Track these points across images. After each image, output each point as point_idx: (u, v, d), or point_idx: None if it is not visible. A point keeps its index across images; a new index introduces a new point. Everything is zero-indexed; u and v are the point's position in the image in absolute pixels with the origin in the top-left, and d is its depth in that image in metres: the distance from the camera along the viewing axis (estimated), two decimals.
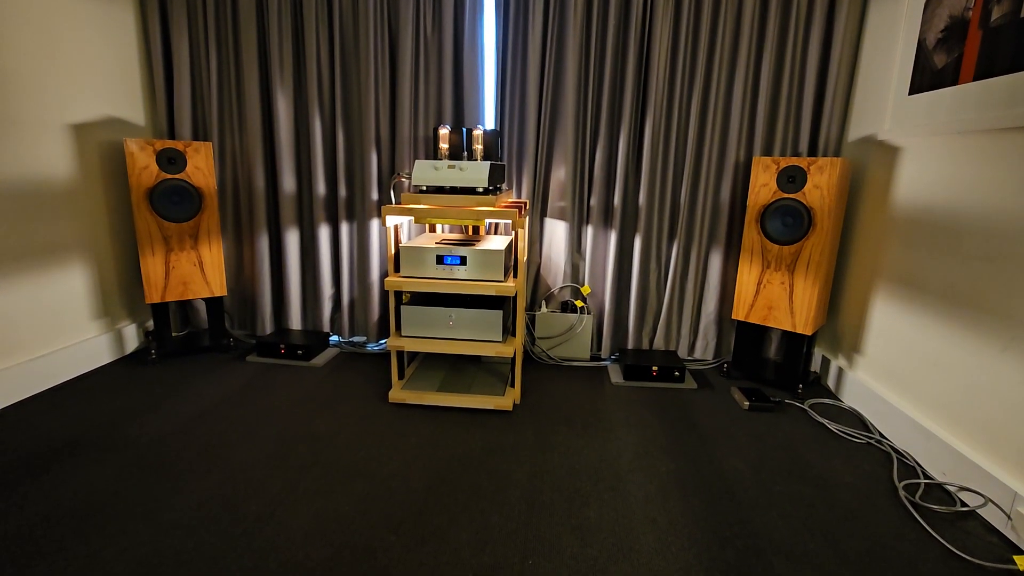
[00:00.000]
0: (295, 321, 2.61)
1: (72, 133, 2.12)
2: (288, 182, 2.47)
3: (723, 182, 2.31)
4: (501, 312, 1.96)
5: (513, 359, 2.08)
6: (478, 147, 2.04)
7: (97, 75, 2.21)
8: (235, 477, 1.56)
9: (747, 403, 2.03)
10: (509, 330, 2.17)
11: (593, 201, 2.39)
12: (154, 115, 2.44)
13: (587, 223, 2.44)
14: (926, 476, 1.61)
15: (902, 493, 1.54)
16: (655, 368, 2.24)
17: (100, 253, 2.28)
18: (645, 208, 2.34)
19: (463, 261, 1.93)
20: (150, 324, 2.56)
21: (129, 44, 2.34)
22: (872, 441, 1.81)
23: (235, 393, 2.07)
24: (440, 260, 1.94)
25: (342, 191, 2.46)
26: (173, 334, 2.58)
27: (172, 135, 2.44)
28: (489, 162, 1.91)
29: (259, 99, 2.40)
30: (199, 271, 2.37)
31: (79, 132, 2.15)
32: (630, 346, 2.47)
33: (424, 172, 1.91)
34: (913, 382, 1.77)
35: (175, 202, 2.23)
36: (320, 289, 2.57)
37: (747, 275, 2.21)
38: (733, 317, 2.26)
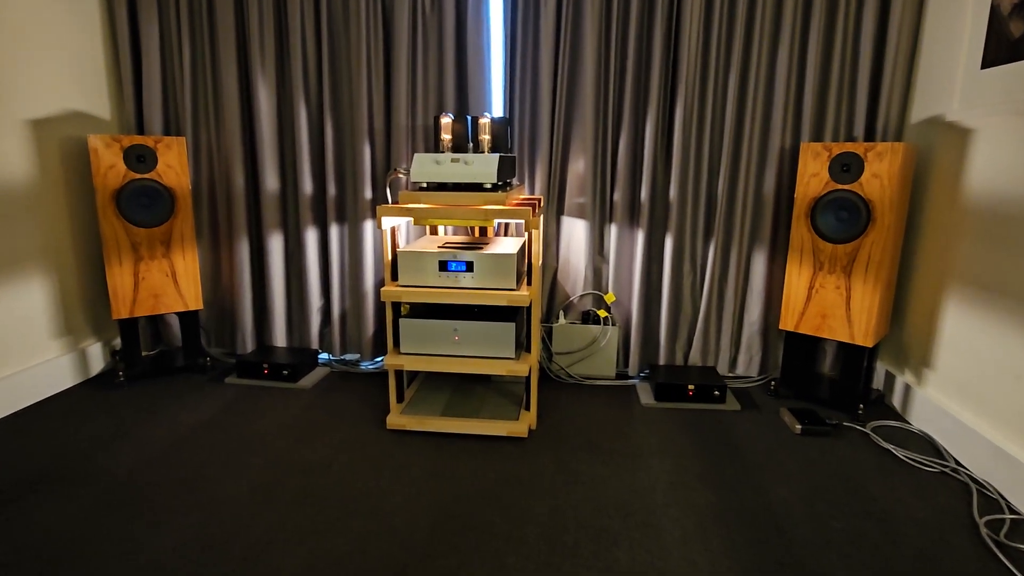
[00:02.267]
0: (280, 338, 2.65)
1: (30, 129, 2.18)
2: (271, 180, 2.52)
3: (766, 172, 2.32)
4: (513, 325, 1.97)
5: (528, 378, 2.08)
6: (485, 137, 2.07)
7: (58, 65, 2.27)
8: (217, 514, 1.58)
9: (799, 426, 2.03)
10: (523, 345, 2.18)
11: (617, 196, 2.41)
12: (121, 109, 2.51)
13: (610, 221, 2.46)
14: (1011, 510, 1.58)
15: (983, 530, 1.51)
16: (691, 387, 2.24)
17: (61, 263, 2.33)
18: (677, 203, 2.36)
19: (469, 267, 1.94)
20: (117, 342, 2.62)
21: (93, 31, 2.40)
22: (946, 470, 1.79)
23: (214, 419, 2.11)
24: (443, 266, 1.95)
25: (331, 189, 2.49)
26: (143, 353, 2.63)
27: (141, 130, 2.50)
28: (498, 154, 1.92)
29: (237, 89, 2.45)
30: (172, 282, 2.42)
31: (38, 128, 2.21)
32: (662, 362, 2.48)
33: (424, 167, 1.93)
34: (993, 400, 1.74)
35: (145, 205, 2.28)
36: (307, 301, 2.60)
37: (796, 279, 2.21)
38: (781, 327, 2.26)
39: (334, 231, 2.53)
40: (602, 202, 2.44)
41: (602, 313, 2.47)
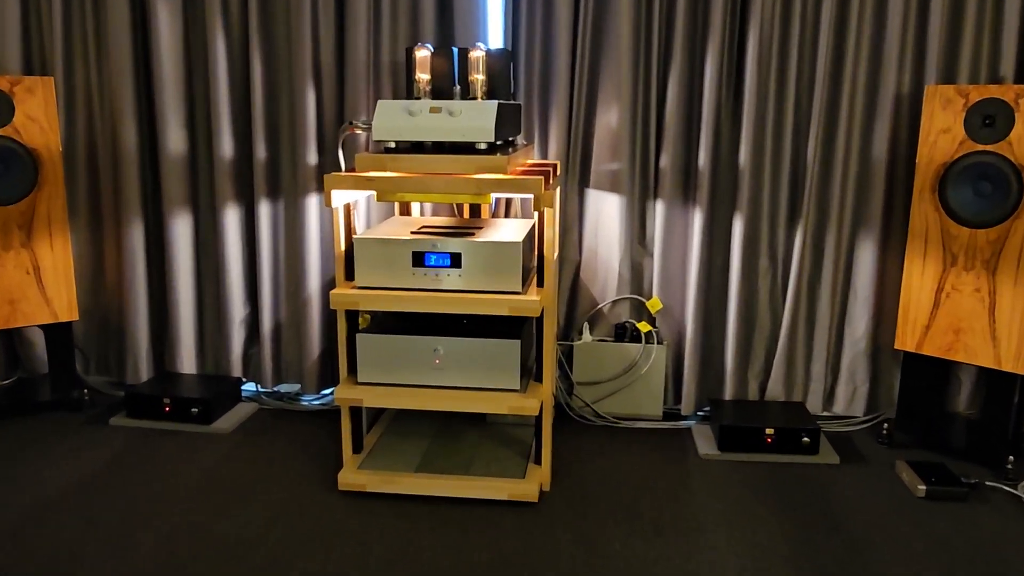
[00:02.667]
0: (187, 362, 2.65)
1: None
2: (174, 139, 2.52)
3: (875, 128, 2.32)
4: (518, 343, 1.97)
5: (539, 419, 2.06)
6: (478, 78, 2.07)
7: None
8: None
9: (922, 486, 2.02)
10: (531, 372, 2.18)
11: (664, 161, 2.41)
12: None
13: (655, 197, 2.46)
14: None
15: None
16: (770, 431, 2.24)
17: None
18: (750, 171, 2.36)
19: (455, 261, 1.94)
20: None
21: None
22: None
23: (94, 476, 2.09)
24: (419, 260, 1.95)
25: (260, 151, 2.49)
26: None
27: None
28: (496, 102, 1.92)
29: (128, 11, 2.45)
30: (35, 282, 2.41)
31: None
32: (728, 395, 2.48)
33: (392, 119, 1.93)
34: None
35: None
36: (226, 310, 2.60)
37: (919, 278, 2.20)
38: (897, 347, 2.26)
39: (264, 210, 2.53)
40: (643, 170, 2.43)
41: (644, 327, 2.47)
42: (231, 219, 2.55)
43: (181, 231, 2.56)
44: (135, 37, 2.48)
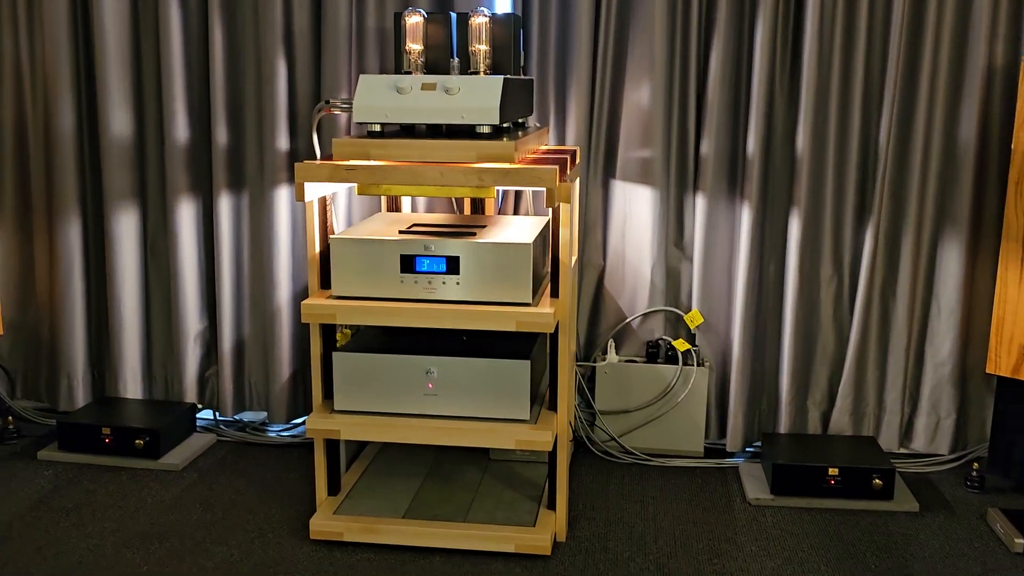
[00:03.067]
0: (132, 385, 2.66)
1: None
2: (118, 120, 2.54)
3: (962, 107, 2.32)
4: (528, 364, 1.96)
5: (553, 455, 2.03)
6: (480, 48, 2.08)
7: None
8: None
9: (1021, 540, 2.01)
10: (543, 399, 2.17)
11: (706, 147, 2.42)
12: None
13: (695, 189, 2.47)
14: None
15: None
16: (834, 471, 2.23)
17: None
18: (809, 159, 2.36)
19: (453, 266, 1.94)
20: None
21: None
22: None
23: (16, 520, 2.10)
24: (409, 264, 1.95)
25: (220, 135, 2.51)
26: None
27: None
28: (502, 76, 1.91)
29: None
30: None
31: None
32: (783, 428, 2.48)
33: (377, 98, 1.92)
34: None
35: None
36: (179, 323, 2.62)
37: (1015, 288, 2.19)
38: (989, 371, 2.25)
39: (224, 205, 2.55)
40: (681, 157, 2.44)
41: (681, 345, 2.47)
42: (185, 215, 2.57)
43: (125, 230, 2.58)
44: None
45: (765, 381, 2.51)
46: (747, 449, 2.53)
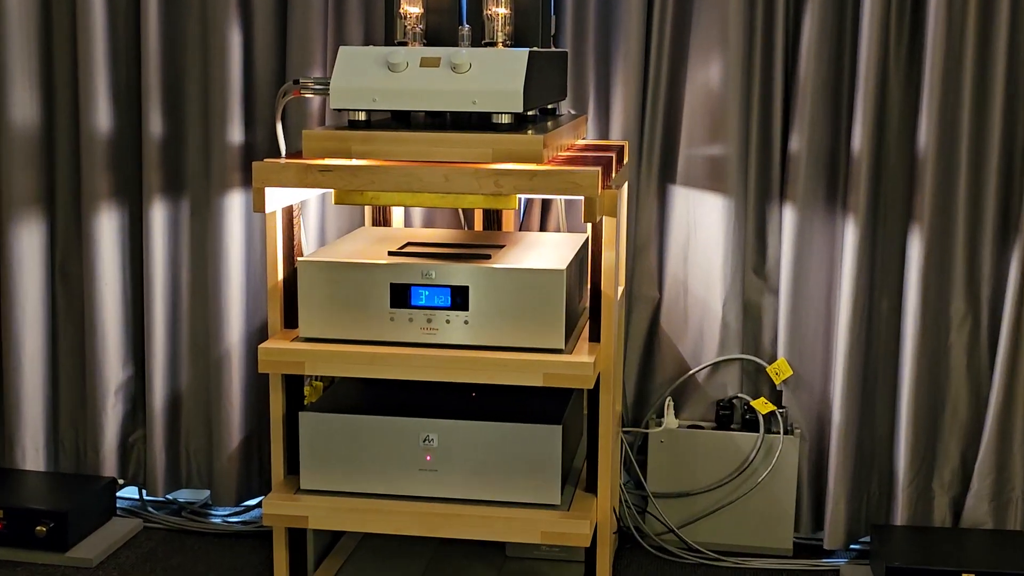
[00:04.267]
0: (31, 453, 2.64)
1: None
2: (21, 105, 2.53)
3: None
4: (559, 429, 1.96)
5: (591, 551, 2.02)
6: (498, 12, 2.06)
7: None
8: None
9: None
10: (576, 477, 2.15)
11: (796, 143, 2.40)
12: None
13: (781, 199, 2.45)
14: None
15: None
16: None
17: None
18: (935, 160, 2.33)
19: (459, 300, 1.94)
20: None
21: None
22: None
23: None
24: (402, 297, 1.95)
25: (153, 124, 2.51)
26: None
27: None
28: (527, 50, 1.92)
29: None
30: None
31: None
32: (901, 518, 2.45)
33: (361, 76, 1.92)
34: None
35: None
36: (96, 371, 2.60)
37: None
38: None
39: (157, 216, 2.54)
40: (763, 157, 2.43)
41: (763, 406, 2.44)
42: (105, 229, 2.55)
43: (26, 248, 2.57)
44: None
45: (876, 455, 2.47)
46: (852, 547, 2.49)
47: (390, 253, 2.04)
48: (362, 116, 1.94)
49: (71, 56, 2.54)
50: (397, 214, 2.51)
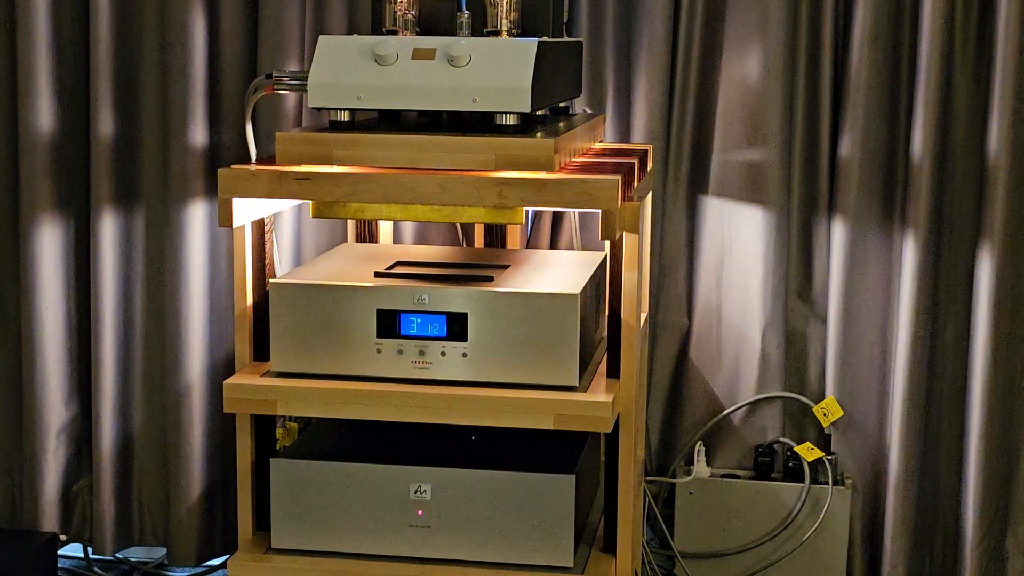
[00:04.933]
0: None
1: None
2: None
3: None
4: (571, 479, 1.95)
5: None
6: None
7: None
8: None
9: None
10: (594, 533, 2.14)
11: (847, 147, 2.41)
12: None
13: (830, 211, 2.46)
14: None
15: None
16: None
17: None
18: (1008, 167, 2.34)
19: (457, 329, 1.93)
20: None
21: None
22: None
23: None
24: (390, 325, 1.95)
25: (103, 124, 2.52)
26: None
27: None
28: (535, 39, 1.92)
29: None
30: None
31: None
32: None
33: (345, 70, 1.91)
34: None
35: None
36: (34, 410, 2.59)
37: None
38: None
39: (107, 230, 2.54)
40: (809, 162, 2.43)
41: (809, 452, 2.44)
42: (47, 246, 2.55)
43: None
44: None
45: (940, 509, 2.47)
46: None
47: (376, 274, 2.03)
48: (345, 116, 1.92)
49: (8, 45, 2.55)
50: (385, 229, 2.51)
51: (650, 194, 2.33)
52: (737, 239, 2.47)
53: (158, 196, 2.53)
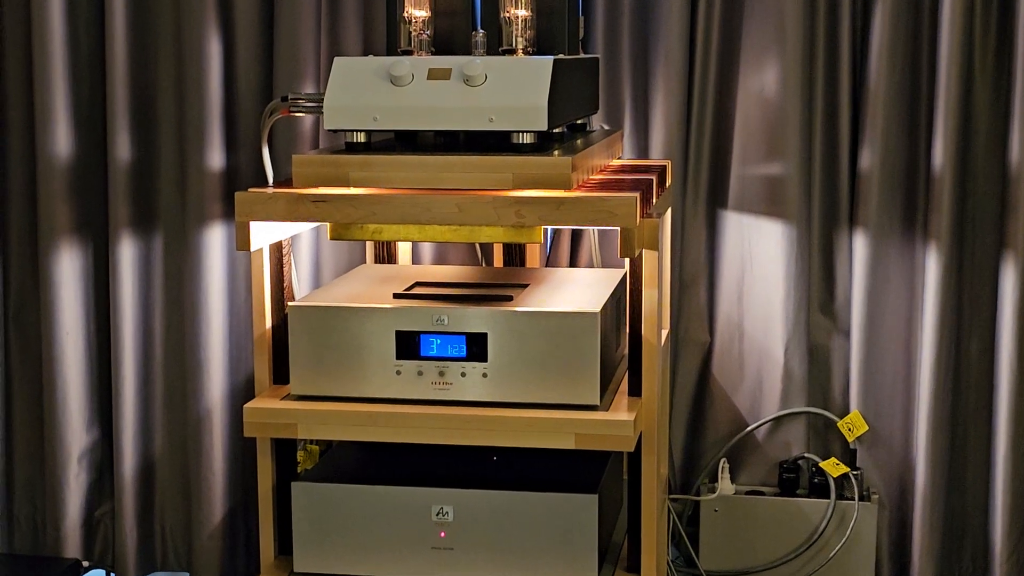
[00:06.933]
0: None
1: None
2: None
3: None
4: (594, 499, 1.95)
5: None
6: (518, 15, 2.07)
7: None
8: None
9: None
10: (618, 552, 2.14)
11: (867, 159, 2.41)
12: None
13: (851, 224, 2.46)
14: None
15: None
16: None
17: None
18: None
19: (476, 350, 1.94)
20: None
21: None
22: None
23: None
24: (410, 346, 1.95)
25: (121, 149, 2.52)
26: None
27: None
28: (552, 58, 1.92)
29: None
30: None
31: None
32: None
33: (361, 91, 1.91)
34: None
35: None
36: (55, 435, 2.60)
37: None
38: None
39: (126, 254, 2.55)
40: (829, 175, 2.43)
41: (834, 468, 2.43)
42: (66, 270, 2.56)
43: None
44: None
45: (967, 523, 2.46)
46: None
47: (395, 295, 2.04)
48: (361, 138, 1.93)
49: (25, 69, 2.56)
50: (403, 250, 2.51)
51: (669, 210, 2.31)
52: (758, 254, 2.47)
53: (176, 219, 2.53)
